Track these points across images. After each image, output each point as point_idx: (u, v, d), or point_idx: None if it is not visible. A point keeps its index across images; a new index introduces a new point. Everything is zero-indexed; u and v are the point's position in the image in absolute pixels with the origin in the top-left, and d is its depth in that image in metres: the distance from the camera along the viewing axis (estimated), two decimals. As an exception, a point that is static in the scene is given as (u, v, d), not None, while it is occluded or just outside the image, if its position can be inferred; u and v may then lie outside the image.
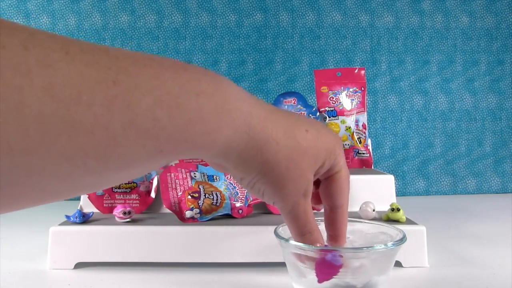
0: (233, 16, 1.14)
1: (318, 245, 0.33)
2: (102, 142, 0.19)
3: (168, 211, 0.59)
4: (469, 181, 1.14)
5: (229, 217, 0.57)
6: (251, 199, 0.59)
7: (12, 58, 0.16)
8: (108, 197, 0.60)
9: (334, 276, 0.34)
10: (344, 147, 0.79)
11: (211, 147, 0.24)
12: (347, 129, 0.79)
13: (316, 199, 0.36)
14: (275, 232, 0.42)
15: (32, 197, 0.19)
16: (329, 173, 0.32)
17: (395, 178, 0.65)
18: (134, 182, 0.61)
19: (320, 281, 0.34)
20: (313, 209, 0.51)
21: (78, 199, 0.62)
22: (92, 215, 0.56)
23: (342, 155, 0.32)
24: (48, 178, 0.18)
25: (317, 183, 0.34)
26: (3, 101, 0.15)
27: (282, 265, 0.45)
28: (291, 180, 0.28)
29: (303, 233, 0.32)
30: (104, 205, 0.60)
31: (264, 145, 0.27)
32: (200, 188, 0.58)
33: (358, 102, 0.81)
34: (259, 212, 0.61)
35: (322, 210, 0.36)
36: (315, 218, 0.34)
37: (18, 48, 0.16)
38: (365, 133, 0.80)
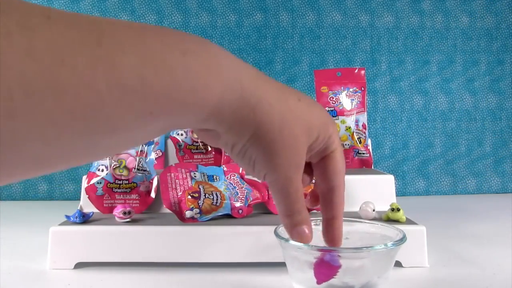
0: (233, 16, 1.14)
1: (305, 229, 0.32)
2: (88, 103, 0.18)
3: (168, 211, 0.59)
4: (469, 181, 1.14)
5: (229, 217, 0.57)
6: (251, 199, 0.59)
7: None
8: (108, 197, 0.60)
9: (333, 277, 0.34)
10: (344, 147, 0.79)
11: (202, 106, 0.23)
12: (347, 129, 0.79)
13: (314, 198, 0.35)
14: (275, 232, 0.42)
15: (21, 165, 0.19)
16: (325, 153, 0.31)
17: (395, 178, 0.65)
18: (134, 182, 0.61)
19: (318, 282, 0.34)
20: (310, 210, 0.50)
21: (78, 199, 0.62)
22: (92, 215, 0.56)
23: (336, 134, 0.30)
24: (34, 142, 0.18)
25: (310, 171, 0.33)
26: None
27: (282, 265, 0.45)
28: (285, 148, 0.27)
29: (291, 213, 0.31)
30: (104, 205, 0.60)
31: (257, 105, 0.25)
32: (200, 188, 0.58)
33: (358, 102, 0.81)
34: (259, 212, 0.61)
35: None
36: (312, 219, 0.33)
37: None
38: (365, 133, 0.80)
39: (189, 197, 0.56)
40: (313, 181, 0.34)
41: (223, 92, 0.24)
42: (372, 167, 0.79)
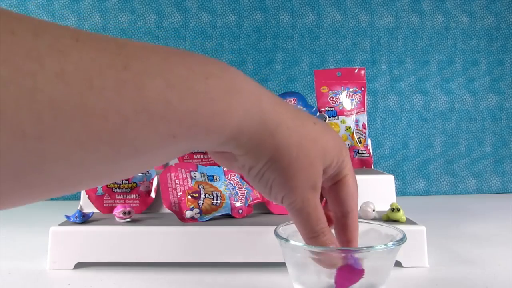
0: (233, 16, 1.14)
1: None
2: (114, 126, 0.19)
3: (168, 211, 0.59)
4: (469, 181, 1.14)
5: (229, 217, 0.57)
6: (251, 199, 0.59)
7: (23, 44, 0.16)
8: (108, 197, 0.60)
9: (356, 282, 0.33)
10: (344, 147, 0.78)
11: (223, 129, 0.24)
12: (347, 129, 0.79)
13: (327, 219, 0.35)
14: (275, 232, 0.42)
15: (45, 186, 0.19)
16: (338, 177, 0.31)
17: (395, 178, 0.65)
18: (134, 182, 0.61)
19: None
20: None
21: (78, 199, 0.62)
22: (92, 215, 0.56)
23: (349, 159, 0.31)
24: (60, 164, 0.18)
25: (321, 197, 0.33)
26: (16, 86, 0.15)
27: (282, 265, 0.45)
28: (301, 170, 0.27)
29: (316, 234, 0.31)
30: (104, 205, 0.60)
31: (276, 129, 0.26)
32: (200, 188, 0.58)
33: (358, 102, 0.81)
34: (259, 212, 0.61)
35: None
36: None
37: (28, 35, 0.16)
38: (365, 133, 0.80)
39: (189, 197, 0.56)
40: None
41: (243, 116, 0.24)
42: (372, 167, 0.79)
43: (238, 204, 0.58)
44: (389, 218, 0.55)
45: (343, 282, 0.33)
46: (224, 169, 0.63)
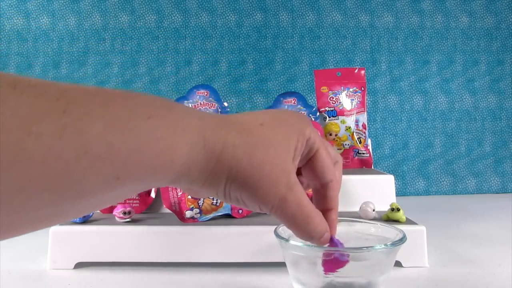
0: (233, 16, 1.14)
1: (327, 235, 0.32)
2: (54, 172, 0.18)
3: (168, 211, 0.59)
4: (469, 181, 1.14)
5: (229, 217, 0.57)
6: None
7: None
8: (108, 197, 0.60)
9: (340, 269, 0.34)
10: (344, 147, 0.79)
11: (170, 168, 0.24)
12: (347, 129, 0.79)
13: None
14: (275, 232, 0.42)
15: None
16: (310, 155, 0.30)
17: (395, 178, 0.65)
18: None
19: (326, 272, 0.34)
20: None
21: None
22: (92, 215, 0.56)
23: (315, 133, 0.30)
24: (1, 210, 0.18)
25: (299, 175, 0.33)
26: None
27: (282, 265, 0.45)
28: (263, 178, 0.27)
29: (310, 236, 0.30)
30: (104, 205, 0.60)
31: (222, 153, 0.26)
32: (200, 188, 0.58)
33: (358, 102, 0.81)
34: (259, 212, 0.61)
35: None
36: None
37: None
38: (365, 133, 0.80)
39: (189, 197, 0.56)
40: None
41: (189, 152, 0.24)
42: (372, 167, 0.79)
43: (238, 204, 0.58)
44: (389, 218, 0.55)
45: (330, 266, 0.33)
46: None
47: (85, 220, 0.55)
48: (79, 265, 0.52)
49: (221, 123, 0.27)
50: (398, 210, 0.55)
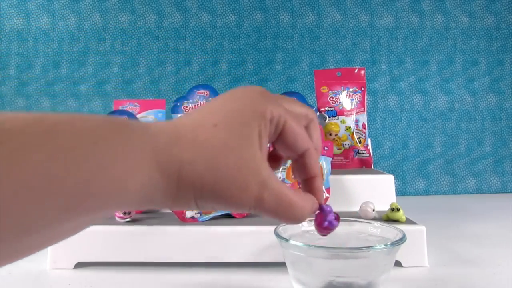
0: (233, 16, 1.14)
1: (317, 211, 0.31)
2: None
3: (168, 211, 0.59)
4: (469, 181, 1.14)
5: (229, 217, 0.57)
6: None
7: None
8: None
9: (332, 228, 0.32)
10: (344, 147, 0.79)
11: (125, 196, 0.22)
12: (347, 129, 0.79)
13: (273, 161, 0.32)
14: (275, 232, 0.42)
15: None
16: (278, 130, 0.28)
17: (395, 178, 0.65)
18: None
19: (320, 230, 0.32)
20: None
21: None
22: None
23: (276, 108, 0.27)
24: None
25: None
26: None
27: (282, 265, 0.45)
28: (231, 184, 0.25)
29: (297, 221, 0.28)
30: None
31: (180, 173, 0.24)
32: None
33: (358, 102, 0.81)
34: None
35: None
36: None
37: None
38: (365, 133, 0.80)
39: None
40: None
41: (143, 179, 0.23)
42: (372, 167, 0.79)
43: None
44: (389, 218, 0.55)
45: (323, 231, 0.32)
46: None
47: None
48: (79, 265, 0.52)
49: (173, 137, 0.24)
50: (398, 210, 0.55)
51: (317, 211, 0.31)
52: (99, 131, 0.22)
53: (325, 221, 0.31)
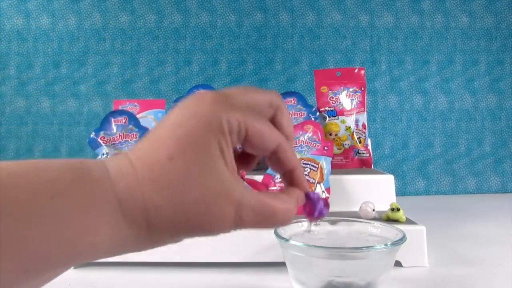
0: (233, 16, 1.14)
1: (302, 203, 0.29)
2: None
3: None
4: (469, 181, 1.14)
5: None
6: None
7: None
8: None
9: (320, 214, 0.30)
10: (344, 147, 0.79)
11: (93, 251, 0.21)
12: (347, 129, 0.79)
13: (244, 164, 0.29)
14: (275, 232, 0.42)
15: None
16: (241, 139, 0.25)
17: (395, 178, 0.65)
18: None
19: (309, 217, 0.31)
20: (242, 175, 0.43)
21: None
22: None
23: (233, 115, 0.24)
24: None
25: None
26: None
27: (282, 265, 0.45)
28: (204, 217, 0.23)
29: (284, 224, 0.27)
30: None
31: (148, 218, 0.22)
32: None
33: (358, 102, 0.81)
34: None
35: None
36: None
37: None
38: (365, 133, 0.80)
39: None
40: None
41: (110, 230, 0.21)
42: (372, 167, 0.79)
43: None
44: (389, 218, 0.55)
45: (313, 220, 0.31)
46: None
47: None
48: (79, 265, 0.52)
49: (133, 181, 0.22)
50: (398, 210, 0.55)
51: (305, 201, 0.29)
52: (58, 182, 0.20)
53: (315, 211, 0.30)
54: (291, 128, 0.29)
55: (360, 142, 0.79)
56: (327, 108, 0.81)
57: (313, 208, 0.30)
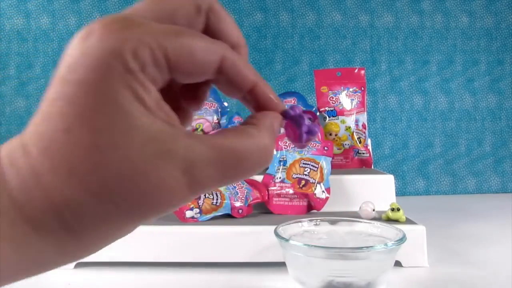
0: (233, 16, 1.14)
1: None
2: None
3: (168, 211, 0.59)
4: (469, 181, 1.14)
5: (229, 217, 0.57)
6: (251, 198, 0.59)
7: None
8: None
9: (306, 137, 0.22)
10: (344, 147, 0.79)
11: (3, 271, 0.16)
12: (347, 129, 0.79)
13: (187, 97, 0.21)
14: (275, 232, 0.42)
15: None
16: (162, 70, 0.17)
17: (395, 178, 0.65)
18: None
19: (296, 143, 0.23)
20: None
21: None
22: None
23: (138, 41, 0.16)
24: None
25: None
26: None
27: (282, 265, 0.45)
28: (141, 198, 0.16)
29: (262, 164, 0.19)
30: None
31: (63, 219, 0.16)
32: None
33: (358, 102, 0.81)
34: (259, 212, 0.61)
35: None
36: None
37: None
38: (365, 133, 0.80)
39: (189, 197, 0.56)
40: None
41: (19, 244, 0.16)
42: (372, 167, 0.79)
43: (238, 204, 0.58)
44: (389, 218, 0.55)
45: (302, 146, 0.23)
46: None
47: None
48: (79, 265, 0.52)
49: (28, 172, 0.16)
50: (398, 210, 0.55)
51: (284, 124, 0.22)
52: None
53: (302, 134, 0.22)
54: (236, 32, 0.21)
55: (360, 142, 0.79)
56: (327, 108, 0.81)
57: (297, 130, 0.22)
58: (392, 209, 0.56)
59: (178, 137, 0.17)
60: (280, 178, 0.62)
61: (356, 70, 0.83)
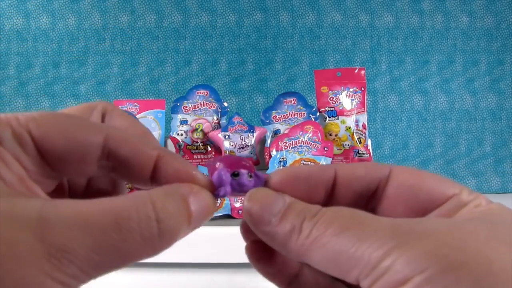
0: (233, 16, 1.14)
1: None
2: None
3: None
4: (469, 181, 1.14)
5: (229, 217, 0.57)
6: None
7: None
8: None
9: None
10: (344, 147, 0.78)
11: None
12: (347, 129, 0.79)
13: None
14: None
15: None
16: (28, 149, 0.16)
17: (395, 178, 0.65)
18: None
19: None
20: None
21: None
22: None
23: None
24: None
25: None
26: None
27: (282, 265, 0.45)
28: None
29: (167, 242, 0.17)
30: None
31: None
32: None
33: (358, 102, 0.81)
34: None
35: None
36: None
37: None
38: (365, 133, 0.80)
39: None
40: None
41: None
42: (372, 167, 0.79)
43: (238, 204, 0.58)
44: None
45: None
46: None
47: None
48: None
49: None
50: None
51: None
52: None
53: (220, 193, 0.20)
54: (127, 121, 0.19)
55: (360, 142, 0.79)
56: (327, 108, 0.81)
57: (217, 188, 0.20)
58: (393, 209, 0.55)
59: (26, 198, 0.15)
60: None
61: (356, 70, 0.83)
